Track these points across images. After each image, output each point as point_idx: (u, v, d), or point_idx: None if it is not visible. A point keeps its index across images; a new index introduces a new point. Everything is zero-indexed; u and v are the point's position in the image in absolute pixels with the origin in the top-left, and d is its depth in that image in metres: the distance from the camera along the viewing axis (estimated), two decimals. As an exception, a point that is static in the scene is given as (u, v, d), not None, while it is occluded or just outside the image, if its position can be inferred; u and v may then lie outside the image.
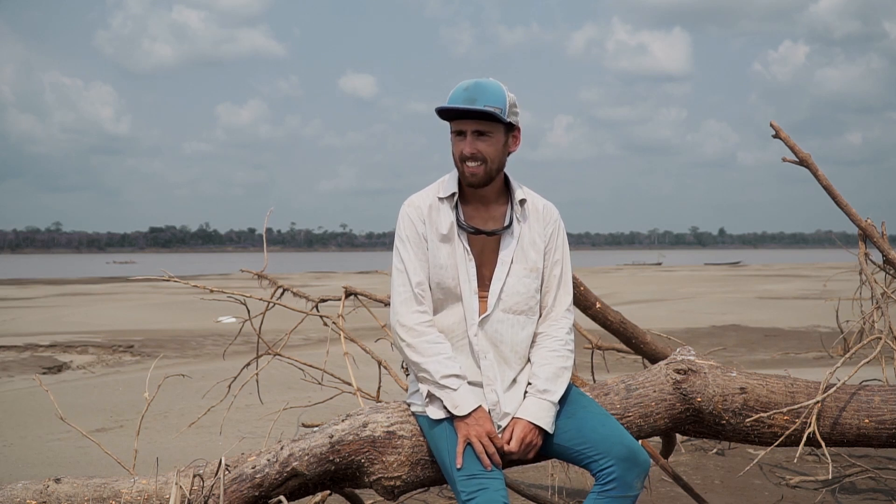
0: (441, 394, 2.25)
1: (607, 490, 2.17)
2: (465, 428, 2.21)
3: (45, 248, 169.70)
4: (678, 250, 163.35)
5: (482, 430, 2.21)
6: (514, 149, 2.40)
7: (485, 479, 2.14)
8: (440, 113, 2.34)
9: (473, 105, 2.28)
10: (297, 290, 3.86)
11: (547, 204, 2.48)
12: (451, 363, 2.27)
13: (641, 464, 2.20)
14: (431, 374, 2.26)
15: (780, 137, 3.40)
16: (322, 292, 4.13)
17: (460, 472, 2.17)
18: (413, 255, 2.37)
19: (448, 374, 2.25)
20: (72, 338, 11.71)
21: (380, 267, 33.07)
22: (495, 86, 2.33)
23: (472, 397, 2.25)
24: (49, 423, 5.70)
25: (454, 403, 2.23)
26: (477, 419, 2.22)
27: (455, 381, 2.25)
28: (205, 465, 2.49)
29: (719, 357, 8.18)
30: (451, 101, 2.34)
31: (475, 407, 2.23)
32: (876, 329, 3.48)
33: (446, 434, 2.25)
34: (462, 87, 2.34)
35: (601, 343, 4.25)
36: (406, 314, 2.33)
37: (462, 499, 2.14)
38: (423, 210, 2.39)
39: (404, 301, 2.34)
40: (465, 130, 2.32)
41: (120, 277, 34.63)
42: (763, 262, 56.38)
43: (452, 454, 2.21)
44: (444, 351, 2.30)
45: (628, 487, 2.17)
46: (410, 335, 2.31)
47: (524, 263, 2.39)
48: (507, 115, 2.31)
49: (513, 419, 2.27)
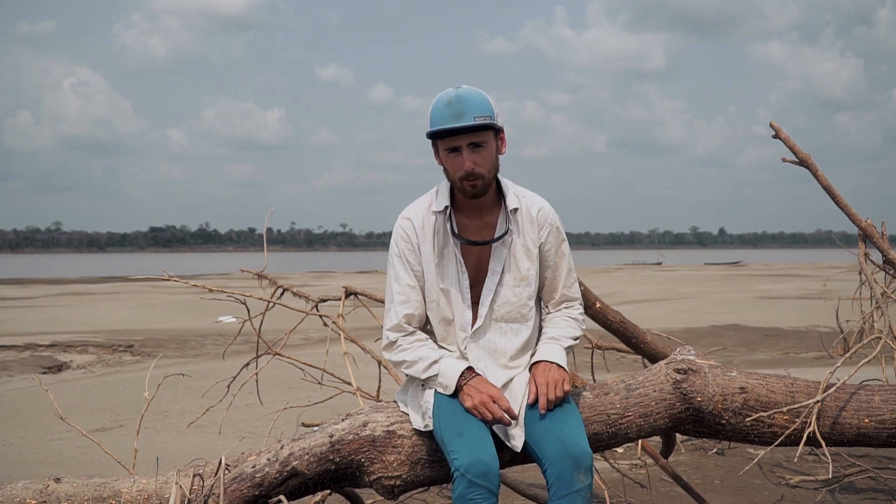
0: (430, 383, 2.33)
1: (553, 492, 2.14)
2: (468, 400, 2.24)
3: (45, 247, 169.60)
4: (678, 250, 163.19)
5: (485, 397, 2.23)
6: (504, 151, 2.40)
7: (469, 438, 2.16)
8: (432, 136, 2.32)
9: (462, 119, 2.25)
10: (297, 289, 3.85)
11: (543, 207, 2.44)
12: (426, 352, 2.34)
13: (577, 457, 2.13)
14: (416, 373, 2.34)
15: (780, 137, 3.39)
16: (322, 292, 4.12)
17: (448, 432, 2.20)
18: (402, 271, 2.41)
19: (429, 363, 2.32)
20: (72, 337, 11.71)
21: (380, 267, 33.03)
22: (477, 94, 2.31)
23: (452, 370, 2.29)
24: (49, 423, 5.70)
25: (444, 385, 2.29)
26: (475, 387, 2.25)
27: (435, 367, 2.31)
28: (205, 465, 2.49)
29: (719, 357, 8.17)
30: (436, 119, 2.29)
31: (459, 375, 2.27)
32: (876, 329, 3.48)
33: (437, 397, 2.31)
34: (444, 101, 2.29)
35: (601, 343, 4.25)
36: (387, 329, 2.43)
37: (450, 457, 2.16)
38: (416, 224, 2.41)
39: (389, 316, 2.43)
40: (460, 146, 2.29)
41: (120, 277, 34.59)
42: (763, 262, 56.35)
43: (440, 413, 2.25)
44: (419, 346, 2.36)
45: (569, 484, 2.12)
46: (388, 345, 2.41)
47: (515, 273, 2.40)
48: (496, 120, 2.32)
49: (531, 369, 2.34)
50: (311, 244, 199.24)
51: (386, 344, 2.41)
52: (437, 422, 2.27)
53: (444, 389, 2.28)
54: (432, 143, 2.37)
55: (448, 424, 2.22)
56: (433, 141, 2.36)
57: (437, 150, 2.36)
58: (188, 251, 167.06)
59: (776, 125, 3.40)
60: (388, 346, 2.41)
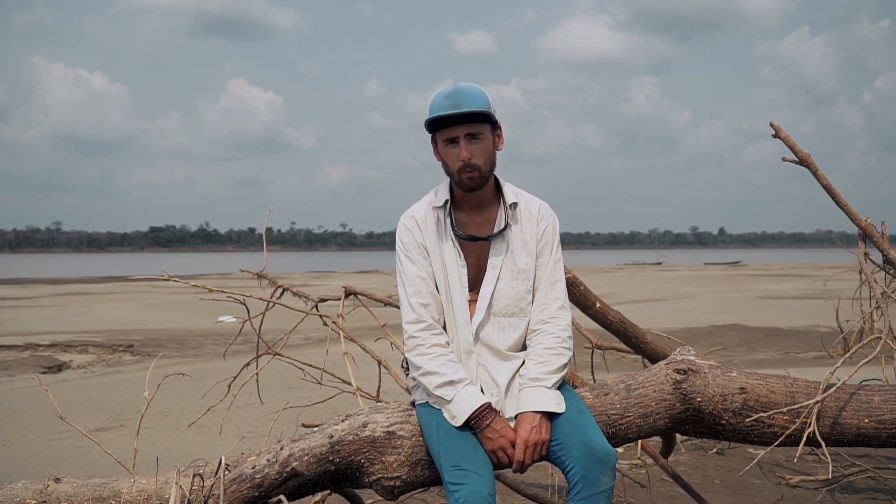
0: (438, 404, 2.30)
1: (576, 493, 2.14)
2: (489, 443, 2.22)
3: (45, 247, 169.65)
4: (678, 250, 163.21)
5: (505, 443, 2.23)
6: (501, 147, 2.44)
7: (471, 472, 2.14)
8: (430, 124, 2.35)
9: (460, 110, 2.29)
10: (296, 289, 3.85)
11: (542, 205, 2.49)
12: (445, 369, 2.29)
13: (603, 458, 2.14)
14: (428, 385, 2.31)
15: (780, 137, 3.39)
16: (322, 292, 4.13)
17: (447, 461, 2.18)
18: (410, 265, 2.41)
19: (442, 384, 2.27)
20: (72, 337, 11.71)
21: (380, 266, 33.07)
22: (475, 88, 2.36)
23: (466, 404, 2.24)
24: (49, 423, 5.70)
25: (452, 415, 2.25)
26: (497, 430, 2.23)
27: (449, 391, 2.26)
28: (205, 465, 2.49)
29: (719, 357, 8.18)
30: (434, 111, 2.33)
31: (469, 415, 2.22)
32: (876, 329, 3.47)
33: (433, 417, 2.28)
34: (442, 95, 2.34)
35: (601, 343, 4.25)
36: (406, 324, 2.40)
37: (449, 489, 2.15)
38: (419, 220, 2.44)
39: (405, 312, 2.41)
40: (458, 136, 2.33)
41: (120, 277, 34.60)
42: (763, 262, 56.35)
43: (440, 438, 2.22)
44: (439, 355, 2.32)
45: (594, 485, 2.13)
46: (410, 343, 2.38)
47: (513, 267, 2.42)
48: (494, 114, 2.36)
49: (516, 420, 2.28)
50: (311, 244, 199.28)
51: (406, 338, 2.39)
52: (434, 444, 2.25)
53: (451, 419, 2.25)
54: (431, 140, 2.42)
55: (447, 453, 2.19)
56: (432, 136, 2.41)
57: (436, 145, 2.41)
58: (188, 251, 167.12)
59: (776, 124, 3.40)
60: (409, 342, 2.38)
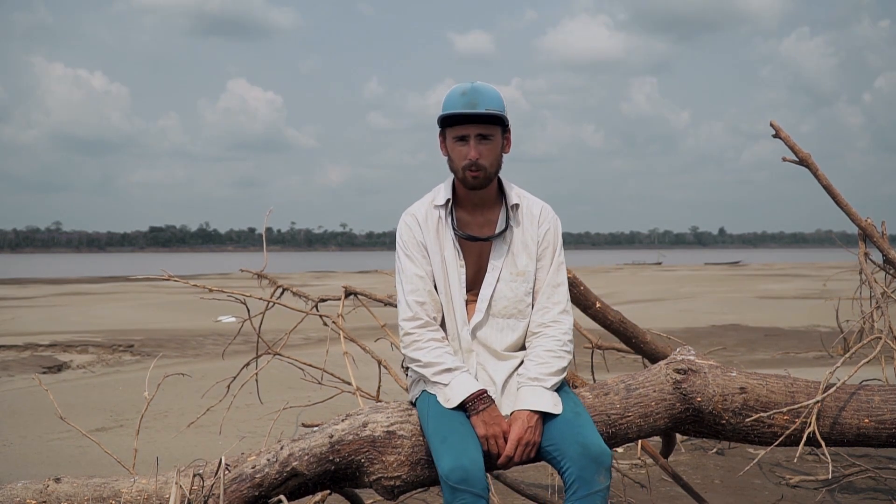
0: (434, 390, 2.32)
1: (573, 493, 2.14)
2: (482, 427, 2.24)
3: (44, 247, 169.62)
4: (678, 250, 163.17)
5: (499, 431, 2.24)
6: (508, 150, 2.44)
7: (455, 443, 2.17)
8: (442, 120, 2.36)
9: (476, 109, 2.30)
10: (296, 289, 3.86)
11: (544, 207, 2.50)
12: (444, 358, 2.32)
13: (598, 458, 2.14)
14: (426, 374, 2.34)
15: (780, 137, 3.39)
16: (322, 292, 4.13)
17: (435, 437, 2.21)
18: (408, 263, 2.42)
19: (440, 371, 2.31)
20: (72, 337, 11.71)
21: (380, 266, 33.05)
22: (491, 89, 2.37)
23: (462, 387, 2.27)
24: (49, 423, 5.70)
25: (446, 397, 2.28)
26: (493, 418, 2.25)
27: (446, 377, 2.30)
28: (205, 465, 2.49)
29: (719, 357, 8.18)
30: (449, 107, 2.35)
31: (467, 395, 2.25)
32: (876, 329, 3.47)
33: (427, 401, 2.32)
34: (459, 91, 2.35)
35: (601, 342, 4.25)
36: (402, 321, 2.41)
37: (437, 464, 2.17)
38: (420, 218, 2.44)
39: (401, 309, 2.43)
40: (468, 135, 2.34)
41: (120, 277, 34.61)
42: (763, 262, 56.35)
43: (430, 417, 2.26)
44: (436, 348, 2.34)
45: (590, 485, 2.12)
46: (406, 340, 2.40)
47: (513, 268, 2.42)
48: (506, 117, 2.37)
49: (511, 417, 2.29)
50: (311, 244, 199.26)
51: (402, 335, 2.41)
52: (425, 425, 2.28)
53: (445, 401, 2.27)
54: (440, 133, 2.42)
55: (435, 430, 2.23)
56: (442, 130, 2.41)
57: (445, 140, 2.41)
58: (188, 251, 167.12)
59: (776, 124, 3.40)
60: (405, 339, 2.39)
